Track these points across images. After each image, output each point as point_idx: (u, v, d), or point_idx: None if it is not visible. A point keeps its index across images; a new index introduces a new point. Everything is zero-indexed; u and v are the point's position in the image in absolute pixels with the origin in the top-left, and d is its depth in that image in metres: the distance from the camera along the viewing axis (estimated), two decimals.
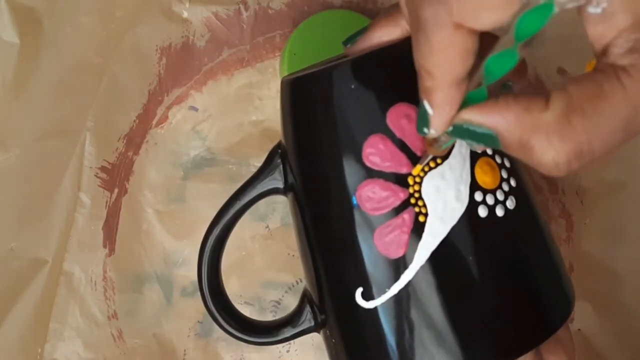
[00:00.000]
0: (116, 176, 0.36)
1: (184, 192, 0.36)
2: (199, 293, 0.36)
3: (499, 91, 0.19)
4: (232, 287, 0.36)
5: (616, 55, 0.17)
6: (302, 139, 0.24)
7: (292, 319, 0.26)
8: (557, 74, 0.35)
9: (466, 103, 0.19)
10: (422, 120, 0.20)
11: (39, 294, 0.33)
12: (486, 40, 0.18)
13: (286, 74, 0.34)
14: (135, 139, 0.36)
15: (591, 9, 0.17)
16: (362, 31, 0.24)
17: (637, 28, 0.17)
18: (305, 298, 0.27)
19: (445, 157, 0.22)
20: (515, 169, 0.24)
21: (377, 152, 0.22)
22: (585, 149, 0.17)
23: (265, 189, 0.26)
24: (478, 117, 0.18)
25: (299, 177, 0.25)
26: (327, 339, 0.26)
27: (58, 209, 0.34)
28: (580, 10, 0.18)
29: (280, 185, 0.26)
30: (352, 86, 0.22)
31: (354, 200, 0.22)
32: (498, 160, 0.23)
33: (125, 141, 0.36)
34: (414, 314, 0.22)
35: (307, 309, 0.26)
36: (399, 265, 0.22)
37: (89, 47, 0.34)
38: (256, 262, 0.36)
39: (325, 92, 0.23)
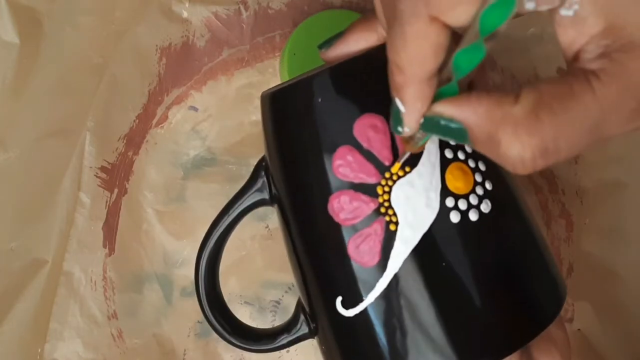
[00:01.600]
0: (116, 176, 0.36)
1: (184, 192, 0.36)
2: None
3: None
4: (232, 287, 0.36)
5: (587, 60, 0.17)
6: (280, 152, 0.25)
7: (288, 327, 0.27)
8: (557, 74, 0.35)
9: (437, 98, 0.19)
10: (396, 118, 0.20)
11: (38, 294, 0.33)
12: (455, 38, 0.18)
13: (286, 73, 0.34)
14: (135, 139, 0.36)
15: (563, 12, 0.17)
16: (338, 35, 0.24)
17: (608, 34, 0.17)
18: (299, 306, 0.27)
19: (413, 165, 0.22)
20: (492, 171, 0.24)
21: (345, 164, 0.23)
22: (550, 147, 0.17)
23: (252, 201, 0.26)
24: (450, 110, 0.19)
25: (280, 189, 0.25)
26: (320, 346, 0.27)
27: (58, 209, 0.34)
28: (552, 13, 0.18)
29: (267, 196, 0.26)
30: (319, 100, 0.23)
31: (327, 211, 0.23)
32: (472, 164, 0.23)
33: (125, 141, 0.36)
34: (393, 320, 0.22)
35: (302, 316, 0.27)
36: (373, 274, 0.22)
37: (89, 47, 0.34)
38: (256, 262, 0.36)
39: (296, 107, 0.24)
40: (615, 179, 0.35)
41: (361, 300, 0.23)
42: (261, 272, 0.36)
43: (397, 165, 0.22)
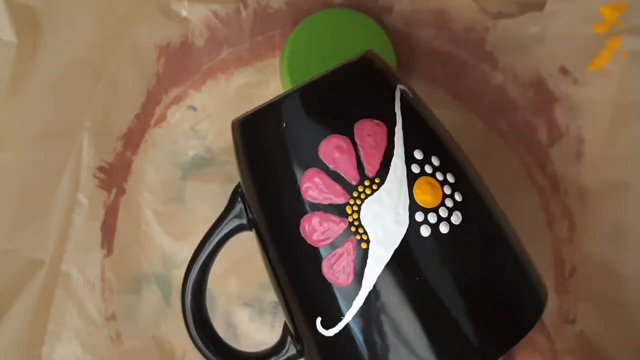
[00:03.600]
0: (114, 176, 0.35)
1: (183, 192, 0.36)
2: None
3: None
4: (232, 288, 0.36)
5: None
6: (252, 178, 0.25)
7: (276, 349, 0.27)
8: (559, 73, 0.35)
9: None
10: None
11: (36, 295, 0.33)
12: None
13: (286, 73, 0.33)
14: (133, 139, 0.36)
15: None
16: None
17: None
18: (286, 327, 0.27)
19: (381, 183, 0.22)
20: (462, 182, 0.24)
21: (313, 186, 0.23)
22: None
23: (231, 227, 0.27)
24: None
25: (255, 214, 0.26)
26: None
27: (56, 210, 0.34)
28: None
29: (245, 222, 0.27)
30: (284, 124, 0.23)
31: (300, 234, 0.23)
32: (439, 177, 0.23)
33: (123, 141, 0.35)
34: (373, 337, 0.23)
35: (289, 338, 0.27)
36: (349, 293, 0.23)
37: (87, 47, 0.34)
38: (256, 262, 0.36)
39: (263, 132, 0.24)
40: (618, 179, 0.35)
41: (340, 320, 0.23)
42: (261, 273, 0.36)
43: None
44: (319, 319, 0.24)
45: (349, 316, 0.23)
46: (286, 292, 0.25)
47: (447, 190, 0.23)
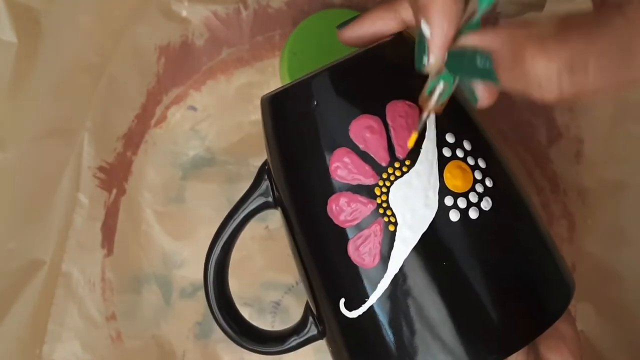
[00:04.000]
0: (114, 176, 0.35)
1: (183, 192, 0.36)
2: (198, 294, 0.36)
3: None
4: (232, 287, 0.35)
5: None
6: (280, 156, 0.25)
7: (297, 329, 0.27)
8: None
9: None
10: (420, 47, 0.20)
11: (36, 295, 0.33)
12: None
13: (286, 73, 0.33)
14: (133, 139, 0.36)
15: None
16: (355, 17, 0.24)
17: None
18: (308, 308, 0.27)
19: (411, 165, 0.22)
20: (493, 168, 0.24)
21: (342, 166, 0.23)
22: (578, 63, 0.16)
23: (256, 205, 0.27)
24: (474, 40, 0.18)
25: (282, 192, 0.25)
26: (328, 346, 0.27)
27: (56, 210, 0.34)
28: None
29: (271, 200, 0.26)
30: (315, 103, 0.23)
31: (327, 214, 0.23)
32: (471, 162, 0.23)
33: (123, 141, 0.35)
34: (397, 320, 0.22)
35: (310, 318, 0.27)
36: (374, 275, 0.22)
37: (87, 47, 0.34)
38: (256, 262, 0.36)
39: (293, 110, 0.24)
40: (617, 179, 0.35)
41: (364, 302, 0.23)
42: (261, 273, 0.36)
43: (414, 136, 0.22)
44: (342, 300, 0.23)
45: (373, 299, 0.22)
46: (310, 272, 0.25)
47: (478, 175, 0.23)
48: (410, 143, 0.22)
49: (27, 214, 0.33)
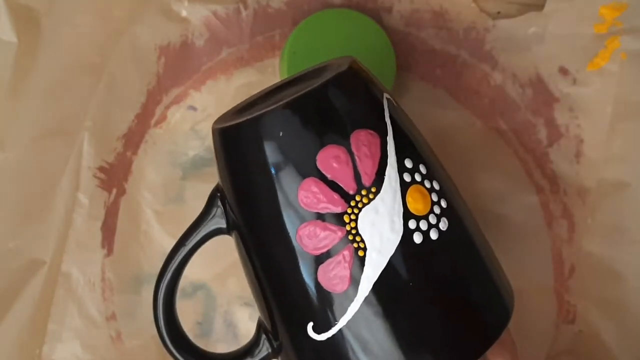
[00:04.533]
0: (114, 176, 0.35)
1: (183, 192, 0.36)
2: (198, 294, 0.36)
3: None
4: (231, 288, 0.36)
5: None
6: (239, 186, 0.25)
7: (250, 349, 0.27)
8: (558, 73, 0.35)
9: None
10: None
11: (36, 295, 0.33)
12: None
13: (286, 73, 0.33)
14: (133, 139, 0.36)
15: None
16: None
17: None
18: (260, 327, 0.27)
19: (377, 192, 0.23)
20: (444, 189, 0.25)
21: (311, 195, 0.23)
22: None
23: (208, 230, 0.26)
24: None
25: (241, 220, 0.25)
26: None
27: (56, 210, 0.34)
28: None
29: (224, 225, 0.26)
30: (280, 134, 0.23)
31: (296, 242, 0.23)
32: (427, 185, 0.24)
33: (123, 141, 0.35)
34: (363, 341, 0.23)
35: (263, 337, 0.27)
36: (344, 299, 0.23)
37: (87, 47, 0.34)
38: None
39: (255, 141, 0.24)
40: (617, 178, 0.35)
41: (333, 325, 0.23)
42: None
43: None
44: (310, 324, 0.24)
45: (342, 321, 0.23)
46: (272, 297, 0.25)
47: (435, 197, 0.24)
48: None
49: (27, 214, 0.33)
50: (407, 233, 0.23)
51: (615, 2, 0.34)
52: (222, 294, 0.36)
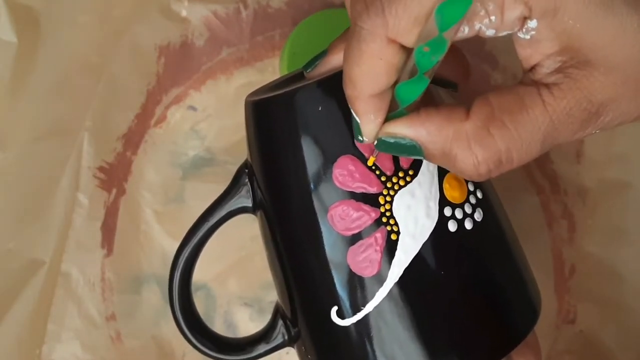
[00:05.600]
0: (114, 176, 0.35)
1: (183, 192, 0.36)
2: (198, 294, 0.36)
3: (442, 88, 0.21)
4: (232, 288, 0.36)
5: (543, 74, 0.18)
6: (270, 161, 0.24)
7: (265, 335, 0.27)
8: None
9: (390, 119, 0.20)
10: (356, 127, 0.20)
11: (36, 295, 0.33)
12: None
13: (286, 73, 0.33)
14: (133, 139, 0.36)
15: (520, 35, 0.18)
16: (321, 55, 0.24)
17: (563, 53, 0.18)
18: (277, 313, 0.27)
19: (414, 175, 0.22)
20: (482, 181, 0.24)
21: (347, 173, 0.22)
22: (503, 158, 0.18)
23: (233, 208, 0.26)
24: (402, 130, 0.19)
25: (269, 197, 0.25)
26: (301, 354, 0.26)
27: (56, 210, 0.34)
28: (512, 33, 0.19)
29: (249, 204, 0.26)
30: (319, 108, 0.23)
31: (326, 222, 0.23)
32: None
33: (123, 141, 0.35)
34: (389, 330, 0.22)
35: (280, 323, 0.26)
36: (373, 284, 0.22)
37: (87, 47, 0.34)
38: (256, 262, 0.36)
39: (291, 115, 0.23)
40: (617, 178, 0.35)
41: (359, 310, 0.23)
42: (261, 273, 0.36)
43: (372, 159, 0.22)
44: (334, 309, 0.23)
45: (369, 307, 0.22)
46: (295, 278, 0.25)
47: (471, 187, 0.23)
48: (369, 162, 0.22)
49: (27, 214, 0.33)
50: (442, 220, 0.22)
51: None
52: (223, 294, 0.36)
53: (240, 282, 0.36)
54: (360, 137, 0.20)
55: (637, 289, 0.35)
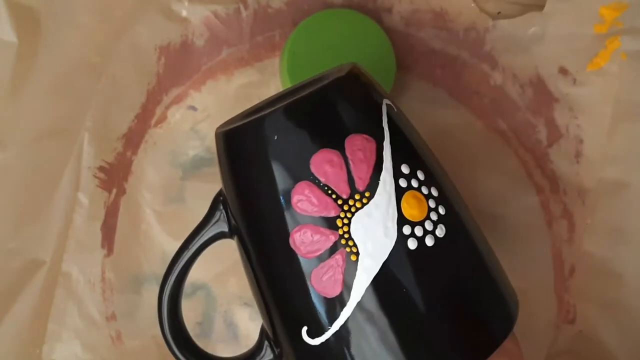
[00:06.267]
0: (114, 176, 0.35)
1: (183, 192, 0.36)
2: (198, 294, 0.36)
3: None
4: (231, 288, 0.36)
5: None
6: (238, 189, 0.25)
7: (252, 355, 0.27)
8: (558, 73, 0.35)
9: None
10: None
11: (36, 295, 0.33)
12: None
13: (286, 73, 0.33)
14: (133, 139, 0.36)
15: None
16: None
17: None
18: (262, 333, 0.28)
19: (370, 197, 0.23)
20: (445, 196, 0.25)
21: (305, 199, 0.23)
22: None
23: (211, 234, 0.27)
24: None
25: (240, 223, 0.26)
26: None
27: (56, 210, 0.34)
28: None
29: (226, 229, 0.26)
30: (275, 137, 0.23)
31: (290, 246, 0.23)
32: (425, 191, 0.24)
33: (123, 141, 0.35)
34: (358, 346, 0.23)
35: (266, 343, 0.27)
36: (337, 304, 0.23)
37: (87, 47, 0.34)
38: None
39: (251, 145, 0.24)
40: (617, 179, 0.35)
41: (326, 329, 0.23)
42: None
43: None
44: (304, 328, 0.24)
45: (335, 326, 0.23)
46: (270, 300, 0.26)
47: (432, 203, 0.24)
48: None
49: (27, 214, 0.33)
50: (401, 239, 0.23)
51: (615, 2, 0.34)
52: (223, 294, 0.36)
53: (240, 282, 0.36)
54: None
55: (637, 289, 0.35)
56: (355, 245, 0.23)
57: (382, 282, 0.23)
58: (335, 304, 0.23)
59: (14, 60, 0.32)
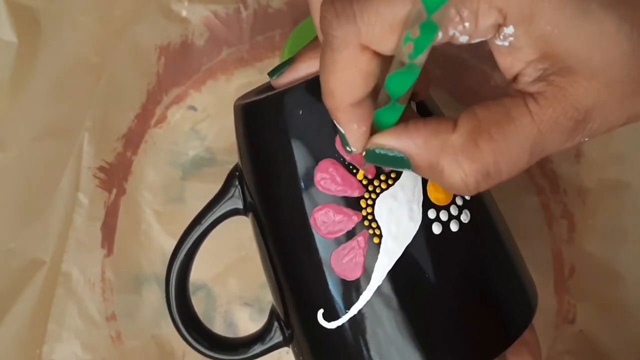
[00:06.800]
0: (114, 176, 0.35)
1: (183, 192, 0.36)
2: (198, 294, 0.36)
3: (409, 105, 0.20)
4: (232, 288, 0.36)
5: (525, 83, 0.18)
6: (257, 164, 0.25)
7: (261, 335, 0.27)
8: None
9: (380, 120, 0.19)
10: (342, 138, 0.20)
11: (37, 294, 0.33)
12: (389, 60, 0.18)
13: None
14: (133, 139, 0.36)
15: (498, 42, 0.18)
16: (288, 62, 0.24)
17: (544, 60, 0.18)
18: (273, 314, 0.27)
19: (396, 178, 0.22)
20: None
21: (328, 177, 0.22)
22: (492, 170, 0.18)
23: (225, 210, 0.26)
24: (389, 142, 0.19)
25: (257, 200, 0.25)
26: (296, 355, 0.26)
27: (56, 210, 0.34)
28: (489, 41, 0.19)
29: (240, 206, 0.26)
30: (300, 112, 0.23)
31: (310, 225, 0.23)
32: None
33: (123, 141, 0.35)
34: (375, 332, 0.22)
35: (275, 324, 0.26)
36: (357, 287, 0.22)
37: (87, 47, 0.34)
38: (256, 262, 0.36)
39: (275, 119, 0.23)
40: (617, 178, 0.35)
41: (344, 313, 0.23)
42: (260, 273, 0.36)
43: (362, 172, 0.22)
44: (320, 311, 0.23)
45: (354, 310, 0.22)
46: (284, 281, 0.25)
47: None
48: (359, 176, 0.22)
49: (27, 214, 0.33)
50: (426, 222, 0.22)
51: None
52: (223, 294, 0.36)
53: (240, 282, 0.36)
54: (348, 148, 0.20)
55: (637, 289, 0.35)
56: (378, 227, 0.22)
57: (403, 267, 0.22)
58: (354, 288, 0.22)
59: (14, 60, 0.32)
